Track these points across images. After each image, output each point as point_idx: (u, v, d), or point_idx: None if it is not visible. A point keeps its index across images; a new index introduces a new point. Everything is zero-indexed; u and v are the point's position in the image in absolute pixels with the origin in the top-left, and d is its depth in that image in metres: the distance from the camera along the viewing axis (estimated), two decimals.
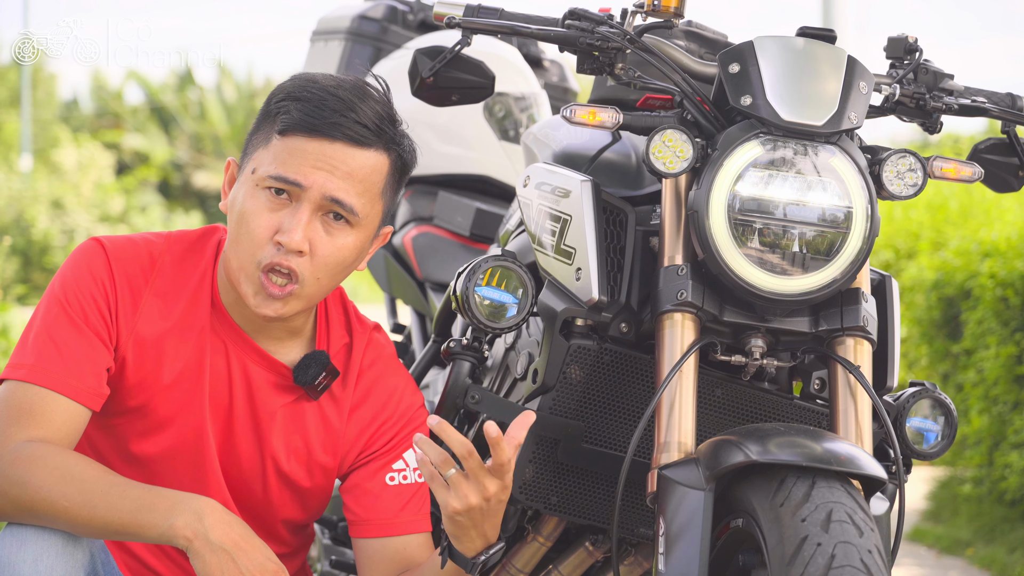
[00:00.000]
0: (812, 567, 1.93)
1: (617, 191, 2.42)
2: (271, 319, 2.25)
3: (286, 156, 2.20)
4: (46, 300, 2.24)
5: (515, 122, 3.67)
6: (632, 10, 2.33)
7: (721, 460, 2.07)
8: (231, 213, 2.26)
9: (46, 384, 2.17)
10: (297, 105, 2.21)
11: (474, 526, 2.17)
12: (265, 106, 2.28)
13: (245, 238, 2.22)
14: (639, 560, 2.56)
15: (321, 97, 2.21)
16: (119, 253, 2.26)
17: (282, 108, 2.23)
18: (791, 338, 2.25)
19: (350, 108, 2.21)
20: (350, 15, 3.95)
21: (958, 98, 2.46)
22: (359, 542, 2.37)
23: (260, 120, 2.28)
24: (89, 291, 2.23)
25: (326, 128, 2.20)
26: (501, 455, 2.12)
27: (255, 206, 2.21)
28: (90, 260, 2.25)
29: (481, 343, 2.48)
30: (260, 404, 2.32)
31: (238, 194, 2.25)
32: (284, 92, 2.25)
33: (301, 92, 2.23)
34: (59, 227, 18.89)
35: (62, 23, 17.68)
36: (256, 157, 2.24)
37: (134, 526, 2.08)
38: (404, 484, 2.36)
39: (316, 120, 2.20)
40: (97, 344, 2.21)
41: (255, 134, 2.27)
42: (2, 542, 2.09)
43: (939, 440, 2.50)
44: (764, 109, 2.19)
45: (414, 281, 3.64)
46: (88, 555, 2.12)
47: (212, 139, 27.26)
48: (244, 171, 2.26)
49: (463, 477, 2.13)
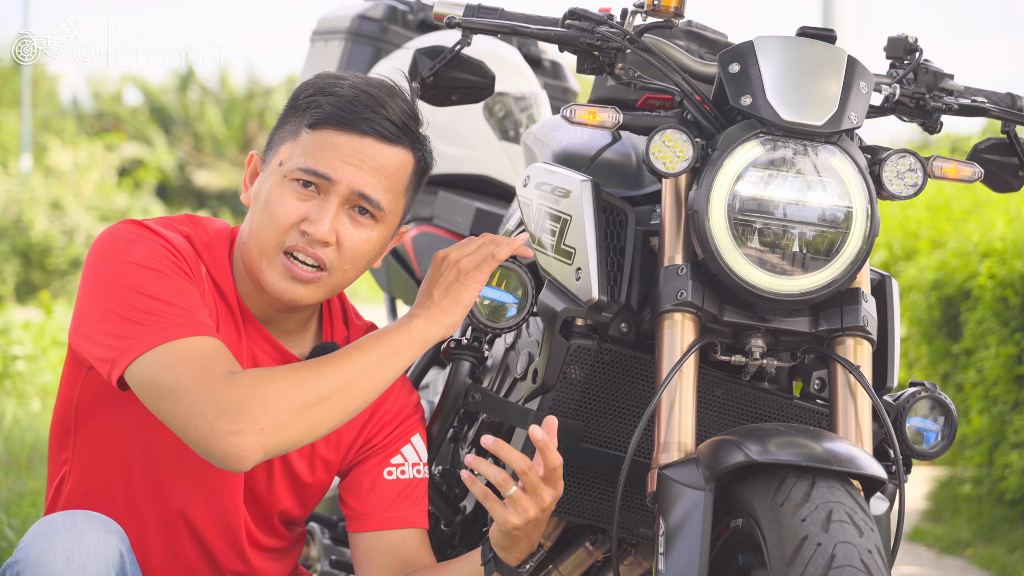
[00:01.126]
0: (812, 567, 1.93)
1: (617, 191, 2.42)
2: (295, 304, 2.26)
3: (316, 149, 2.23)
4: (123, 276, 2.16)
5: (515, 122, 3.68)
6: (632, 10, 2.33)
7: (721, 460, 2.07)
8: (255, 203, 2.27)
9: (200, 332, 2.13)
10: (328, 100, 2.24)
11: (526, 536, 2.23)
12: (292, 101, 2.31)
13: (269, 225, 2.23)
14: (639, 560, 2.56)
15: (352, 94, 2.24)
16: (165, 232, 2.23)
17: (312, 103, 2.25)
18: (791, 338, 2.25)
19: (380, 105, 2.24)
20: (350, 15, 3.95)
21: (958, 98, 2.46)
22: (357, 537, 2.38)
23: (287, 114, 2.30)
24: (168, 256, 2.19)
25: (357, 123, 2.23)
26: (552, 458, 2.18)
27: (282, 195, 2.23)
28: (145, 236, 2.21)
29: (481, 343, 2.49)
30: None
31: (264, 185, 2.27)
32: (313, 87, 2.28)
33: (332, 88, 2.26)
34: (59, 228, 18.88)
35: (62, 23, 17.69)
36: (283, 150, 2.26)
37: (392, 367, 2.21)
38: (402, 479, 2.38)
39: (347, 115, 2.23)
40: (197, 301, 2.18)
41: (281, 128, 2.30)
42: (32, 542, 2.09)
43: (939, 440, 2.50)
44: (764, 109, 2.19)
45: (414, 281, 3.64)
46: (118, 554, 2.11)
47: (212, 139, 27.26)
48: (270, 164, 2.28)
49: (522, 492, 2.19)
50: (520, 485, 2.20)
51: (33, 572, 2.06)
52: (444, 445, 2.64)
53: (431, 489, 2.59)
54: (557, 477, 2.20)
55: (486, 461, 2.22)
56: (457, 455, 2.66)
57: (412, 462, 2.39)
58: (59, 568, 2.06)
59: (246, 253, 2.28)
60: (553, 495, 2.21)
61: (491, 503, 2.21)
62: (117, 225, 2.25)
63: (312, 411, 2.11)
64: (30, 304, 13.85)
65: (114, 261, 2.19)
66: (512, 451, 2.18)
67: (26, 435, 6.65)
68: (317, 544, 3.31)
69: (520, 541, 2.23)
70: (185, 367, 2.08)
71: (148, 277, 2.16)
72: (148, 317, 2.13)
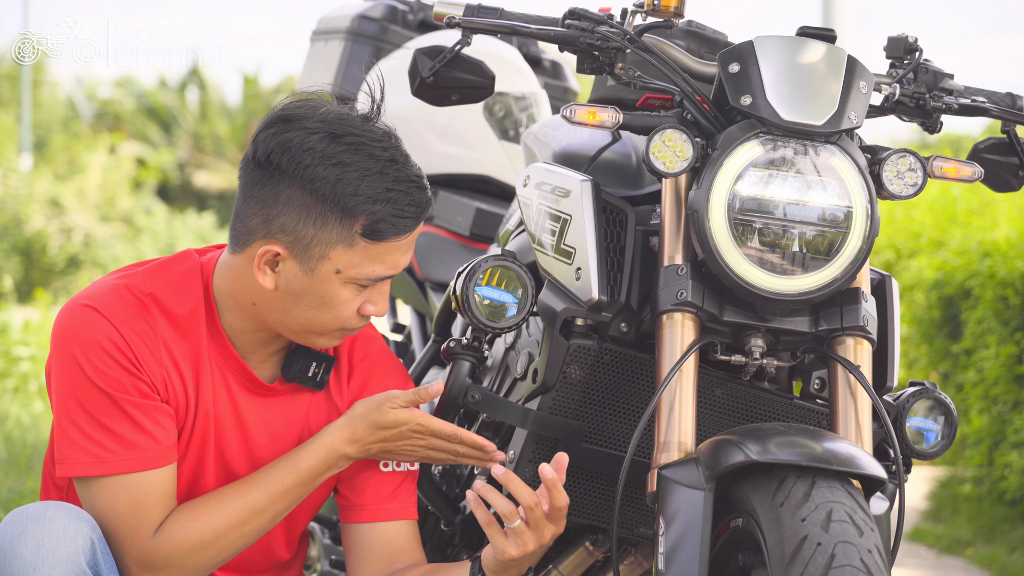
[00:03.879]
0: (812, 567, 1.93)
1: (617, 191, 2.42)
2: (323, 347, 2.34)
3: (384, 256, 2.23)
4: (76, 388, 2.21)
5: (515, 122, 3.67)
6: (632, 10, 2.33)
7: (721, 460, 2.07)
8: (298, 300, 2.23)
9: (138, 468, 2.21)
10: (386, 209, 2.19)
11: (518, 566, 2.26)
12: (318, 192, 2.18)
13: (331, 319, 2.25)
14: (639, 560, 2.56)
15: (399, 192, 2.20)
16: (116, 314, 2.23)
17: (366, 212, 2.19)
18: (791, 338, 2.25)
19: (421, 191, 2.23)
20: (350, 15, 3.94)
21: (958, 98, 2.46)
22: (349, 527, 2.40)
23: (318, 211, 2.19)
24: (115, 364, 2.21)
25: (413, 224, 2.24)
26: (559, 498, 2.21)
27: (346, 298, 2.24)
28: (95, 335, 2.22)
29: (481, 343, 2.49)
30: (247, 421, 2.34)
31: (315, 288, 2.22)
32: (360, 193, 2.18)
33: (381, 192, 2.19)
34: (56, 226, 18.87)
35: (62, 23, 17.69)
36: (337, 257, 2.20)
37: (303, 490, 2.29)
38: (397, 471, 2.40)
39: (406, 219, 2.22)
40: (153, 405, 2.23)
41: (315, 227, 2.19)
42: (3, 530, 2.13)
43: (939, 440, 2.50)
44: (764, 109, 2.19)
45: (414, 281, 3.64)
46: (88, 540, 2.14)
47: (212, 139, 27.25)
48: (318, 269, 2.21)
49: (525, 526, 2.22)
50: (524, 519, 2.23)
51: (4, 559, 2.10)
52: None
53: (431, 489, 2.60)
54: (561, 516, 2.24)
55: (495, 491, 2.25)
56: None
57: None
58: (29, 554, 2.09)
59: (287, 327, 2.27)
60: (554, 532, 2.25)
61: (493, 531, 2.25)
62: (74, 312, 2.24)
63: (229, 546, 2.26)
64: (31, 304, 13.84)
65: (69, 362, 2.22)
66: (521, 485, 2.23)
67: (27, 435, 6.65)
68: (317, 544, 3.31)
69: (512, 569, 2.27)
70: (119, 508, 2.21)
71: (103, 401, 2.21)
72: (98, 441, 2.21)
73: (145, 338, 2.24)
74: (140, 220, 20.90)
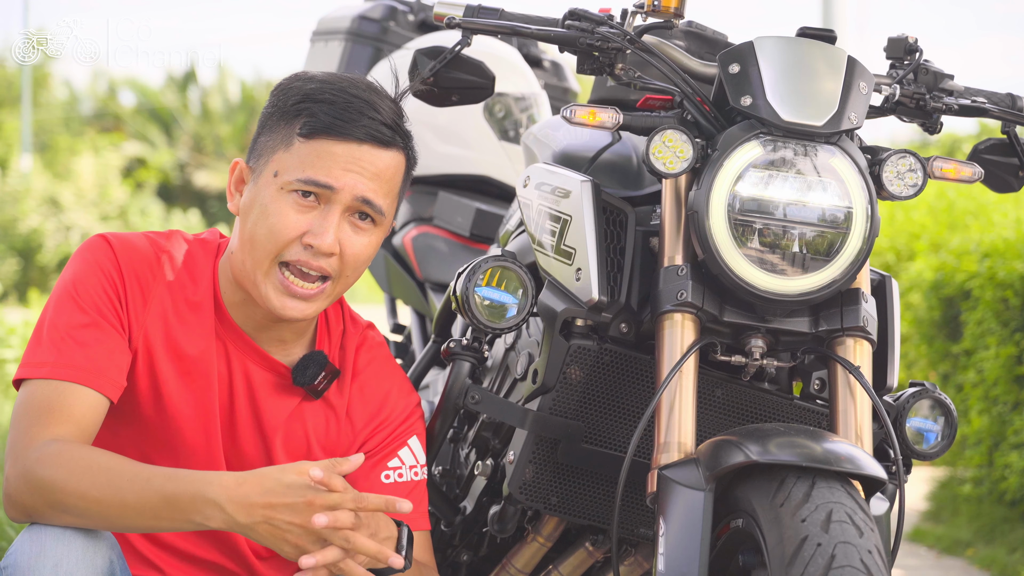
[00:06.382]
0: (812, 567, 1.93)
1: (617, 191, 2.43)
2: (295, 320, 2.26)
3: (314, 159, 2.21)
4: (57, 296, 2.23)
5: (515, 122, 3.68)
6: (632, 10, 2.33)
7: (721, 460, 2.07)
8: (247, 215, 2.25)
9: (65, 377, 2.16)
10: (322, 108, 2.21)
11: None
12: (276, 105, 2.27)
13: (268, 238, 2.21)
14: (639, 560, 2.56)
15: (344, 99, 2.22)
16: (125, 248, 2.27)
17: (303, 110, 2.22)
18: (791, 338, 2.25)
19: (373, 108, 2.23)
20: (350, 15, 3.95)
21: (958, 98, 2.46)
22: None
23: (273, 121, 2.26)
24: (100, 284, 2.23)
25: (353, 130, 2.21)
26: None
27: (281, 208, 2.21)
28: (97, 255, 2.25)
29: (481, 343, 2.49)
30: (264, 409, 2.32)
31: (258, 196, 2.24)
32: (300, 93, 2.24)
33: (321, 94, 2.23)
34: (53, 225, 18.87)
35: (62, 23, 17.67)
36: (276, 160, 2.23)
37: (166, 521, 2.07)
38: (400, 482, 2.36)
39: (343, 122, 2.21)
40: (113, 334, 2.22)
41: (268, 135, 2.26)
42: (21, 548, 2.08)
43: (939, 440, 2.50)
44: (764, 109, 2.19)
45: (414, 281, 3.64)
46: (108, 561, 2.10)
47: (213, 139, 27.26)
48: (262, 174, 2.25)
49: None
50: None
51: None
52: (444, 445, 2.64)
53: (431, 489, 2.59)
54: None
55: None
56: (457, 455, 2.66)
57: (410, 464, 2.37)
58: (48, 574, 2.04)
59: (238, 265, 2.26)
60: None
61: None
62: (90, 239, 2.28)
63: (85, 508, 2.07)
64: (29, 304, 13.83)
65: (63, 277, 2.25)
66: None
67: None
68: None
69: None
70: (31, 410, 2.14)
71: (71, 308, 2.20)
72: (50, 347, 2.18)
73: (142, 282, 2.25)
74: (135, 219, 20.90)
